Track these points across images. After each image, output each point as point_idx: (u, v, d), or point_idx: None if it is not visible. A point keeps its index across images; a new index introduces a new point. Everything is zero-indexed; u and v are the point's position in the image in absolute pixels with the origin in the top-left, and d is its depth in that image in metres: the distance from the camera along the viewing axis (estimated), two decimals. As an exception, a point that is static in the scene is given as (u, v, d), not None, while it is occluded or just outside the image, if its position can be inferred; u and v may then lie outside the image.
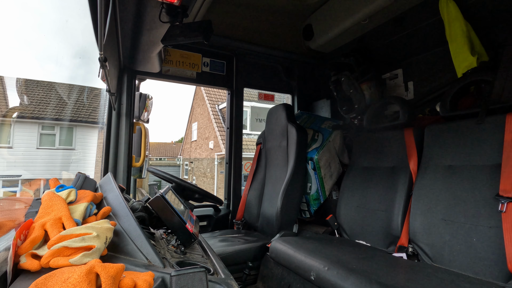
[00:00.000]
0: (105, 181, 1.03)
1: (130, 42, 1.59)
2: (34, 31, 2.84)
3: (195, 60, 2.43)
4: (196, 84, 2.54)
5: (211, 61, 2.52)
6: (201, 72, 2.46)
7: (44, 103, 7.44)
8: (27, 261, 0.54)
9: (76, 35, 1.72)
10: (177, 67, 2.36)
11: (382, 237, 1.70)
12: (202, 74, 2.47)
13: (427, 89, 2.00)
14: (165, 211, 0.94)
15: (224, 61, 2.57)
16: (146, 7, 1.26)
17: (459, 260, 1.32)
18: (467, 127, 1.48)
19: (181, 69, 2.38)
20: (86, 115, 7.93)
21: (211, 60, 2.51)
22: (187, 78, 2.41)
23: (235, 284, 0.72)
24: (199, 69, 2.45)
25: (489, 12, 1.64)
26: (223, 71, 2.58)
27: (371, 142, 2.01)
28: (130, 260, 0.65)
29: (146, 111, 2.09)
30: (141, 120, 2.09)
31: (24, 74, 3.59)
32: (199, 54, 2.45)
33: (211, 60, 2.52)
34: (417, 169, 1.66)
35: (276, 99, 3.10)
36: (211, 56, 2.51)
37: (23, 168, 6.32)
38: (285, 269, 1.62)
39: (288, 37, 2.55)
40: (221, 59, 2.56)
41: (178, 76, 2.38)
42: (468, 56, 1.58)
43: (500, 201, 1.23)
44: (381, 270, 1.26)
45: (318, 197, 2.24)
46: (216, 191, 14.09)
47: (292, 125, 2.16)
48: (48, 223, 0.63)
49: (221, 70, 2.57)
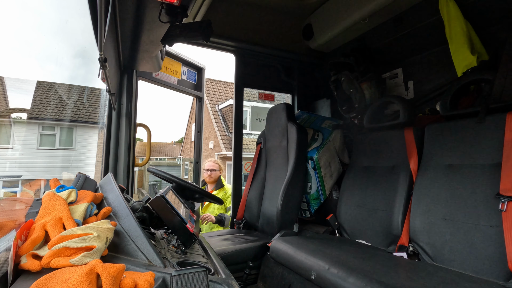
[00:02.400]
0: (105, 181, 1.03)
1: (130, 42, 1.59)
2: (33, 31, 2.86)
3: (177, 68, 2.52)
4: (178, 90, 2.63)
5: (188, 70, 2.63)
6: (181, 80, 2.54)
7: (44, 103, 7.43)
8: (28, 262, 0.54)
9: (76, 35, 1.72)
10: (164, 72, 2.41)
11: (383, 236, 1.70)
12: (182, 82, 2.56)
13: (427, 88, 2.00)
14: (165, 211, 0.94)
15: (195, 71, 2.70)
16: (146, 7, 1.26)
17: (460, 259, 1.32)
18: (467, 126, 1.48)
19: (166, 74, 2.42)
20: (86, 115, 7.93)
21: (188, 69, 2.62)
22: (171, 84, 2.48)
23: (235, 284, 0.72)
24: (179, 76, 2.54)
25: (489, 11, 1.64)
26: (194, 81, 2.71)
27: (371, 142, 2.01)
28: (131, 260, 0.65)
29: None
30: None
31: (24, 74, 3.60)
32: (179, 63, 2.53)
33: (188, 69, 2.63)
34: (417, 168, 1.66)
35: (276, 99, 3.10)
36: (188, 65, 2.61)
37: (23, 169, 6.31)
38: (286, 269, 1.62)
39: (288, 37, 2.55)
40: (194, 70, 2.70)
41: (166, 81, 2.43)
42: (468, 55, 1.58)
43: (501, 200, 1.23)
44: (381, 270, 1.26)
45: (319, 197, 2.24)
46: (216, 191, 14.04)
47: (292, 125, 2.15)
48: (48, 224, 0.63)
49: (193, 80, 2.71)
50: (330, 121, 2.46)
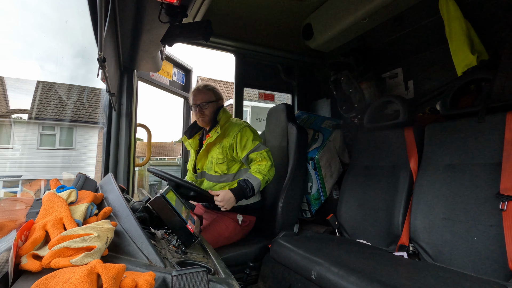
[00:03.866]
0: (105, 181, 1.03)
1: (130, 42, 1.59)
2: (33, 31, 2.84)
3: (168, 69, 2.54)
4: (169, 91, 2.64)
5: (177, 71, 2.65)
6: (172, 81, 2.56)
7: (44, 103, 7.44)
8: (28, 262, 0.54)
9: (76, 35, 1.72)
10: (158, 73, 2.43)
11: (383, 236, 1.70)
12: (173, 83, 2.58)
13: (427, 88, 2.00)
14: (165, 211, 0.94)
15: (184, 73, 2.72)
16: (146, 7, 1.26)
17: (460, 258, 1.32)
18: (467, 126, 1.48)
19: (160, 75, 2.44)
20: (86, 115, 7.93)
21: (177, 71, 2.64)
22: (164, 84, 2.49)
23: (236, 283, 0.72)
24: (170, 77, 2.56)
25: (489, 11, 1.64)
26: (183, 82, 2.73)
27: (371, 141, 2.01)
28: (131, 260, 0.65)
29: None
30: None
31: (24, 73, 3.60)
32: (171, 64, 2.55)
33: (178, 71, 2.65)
34: (417, 168, 1.66)
35: (276, 99, 3.10)
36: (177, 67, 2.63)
37: (23, 169, 6.31)
38: (286, 269, 1.62)
39: (288, 37, 2.55)
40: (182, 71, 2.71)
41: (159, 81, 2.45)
42: (468, 55, 1.58)
43: (501, 199, 1.23)
44: (382, 269, 1.26)
45: (319, 197, 2.24)
46: (216, 190, 14.06)
47: (293, 125, 2.16)
48: (49, 224, 0.63)
49: (181, 81, 2.72)
50: (330, 121, 2.46)
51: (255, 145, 1.82)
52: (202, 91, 1.92)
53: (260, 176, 1.75)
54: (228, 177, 1.89)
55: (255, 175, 1.75)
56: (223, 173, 1.87)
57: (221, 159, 1.86)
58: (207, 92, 1.92)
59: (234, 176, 1.89)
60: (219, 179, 1.89)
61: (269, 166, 1.79)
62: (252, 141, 1.83)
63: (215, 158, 1.87)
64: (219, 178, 1.89)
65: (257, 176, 1.75)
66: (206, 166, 1.92)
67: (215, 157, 1.87)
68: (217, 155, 1.86)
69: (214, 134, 1.84)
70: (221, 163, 1.87)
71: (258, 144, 1.84)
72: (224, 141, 1.86)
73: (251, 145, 1.82)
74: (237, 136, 1.84)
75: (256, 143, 1.83)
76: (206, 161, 1.92)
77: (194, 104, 1.91)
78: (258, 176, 1.75)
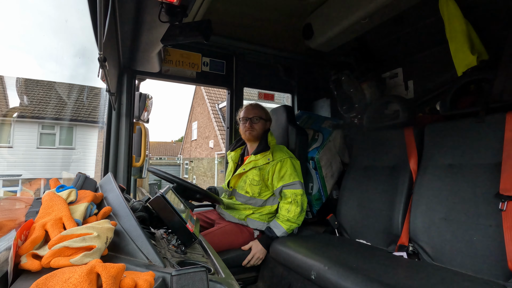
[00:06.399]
0: (105, 181, 1.03)
1: (130, 42, 1.59)
2: (33, 30, 2.83)
3: (195, 60, 2.43)
4: (196, 83, 2.54)
5: (211, 60, 2.51)
6: (201, 72, 2.46)
7: (44, 102, 7.44)
8: (28, 261, 0.54)
9: (76, 34, 1.71)
10: (177, 67, 2.36)
11: (383, 236, 1.71)
12: (202, 74, 2.47)
13: (427, 88, 2.00)
14: (165, 210, 0.94)
15: (223, 60, 2.56)
16: (146, 7, 1.26)
17: (460, 258, 1.32)
18: (467, 126, 1.48)
19: (181, 69, 2.38)
20: (86, 114, 7.93)
21: (211, 59, 2.51)
22: (187, 78, 2.41)
23: (235, 283, 0.72)
24: (199, 68, 2.45)
25: (489, 11, 1.64)
26: (223, 71, 2.57)
27: (371, 141, 2.01)
28: (131, 260, 0.65)
29: (146, 111, 2.09)
30: (141, 120, 2.09)
31: (24, 73, 3.58)
32: (198, 54, 2.45)
33: (211, 59, 2.51)
34: (417, 168, 1.66)
35: (276, 99, 3.09)
36: (210, 55, 2.50)
37: (23, 168, 6.32)
38: (286, 269, 1.63)
39: (288, 36, 2.54)
40: (221, 59, 2.55)
41: (178, 76, 2.38)
42: (468, 55, 1.58)
43: (501, 199, 1.23)
44: (381, 269, 1.27)
45: (320, 197, 2.24)
46: (216, 190, 14.06)
47: (293, 127, 2.16)
48: (48, 223, 0.63)
49: (220, 70, 2.56)
50: (330, 121, 2.46)
51: (292, 181, 1.81)
52: (256, 107, 1.98)
53: (286, 225, 1.77)
54: (257, 202, 1.87)
55: (281, 224, 1.78)
56: (253, 196, 1.86)
57: (256, 181, 1.84)
58: (260, 109, 1.98)
59: (262, 203, 1.88)
60: (247, 200, 1.88)
61: (299, 212, 1.78)
62: (290, 175, 1.81)
63: (250, 178, 1.85)
64: (247, 200, 1.88)
65: (282, 226, 1.77)
66: (239, 184, 1.92)
67: (251, 177, 1.85)
68: (253, 176, 1.85)
69: (263, 159, 1.84)
70: (255, 185, 1.85)
71: (297, 181, 1.82)
72: (266, 165, 1.85)
73: (288, 179, 1.81)
74: (277, 165, 1.82)
75: (296, 179, 1.82)
76: (239, 179, 1.93)
77: (245, 117, 1.93)
78: (283, 225, 1.77)
